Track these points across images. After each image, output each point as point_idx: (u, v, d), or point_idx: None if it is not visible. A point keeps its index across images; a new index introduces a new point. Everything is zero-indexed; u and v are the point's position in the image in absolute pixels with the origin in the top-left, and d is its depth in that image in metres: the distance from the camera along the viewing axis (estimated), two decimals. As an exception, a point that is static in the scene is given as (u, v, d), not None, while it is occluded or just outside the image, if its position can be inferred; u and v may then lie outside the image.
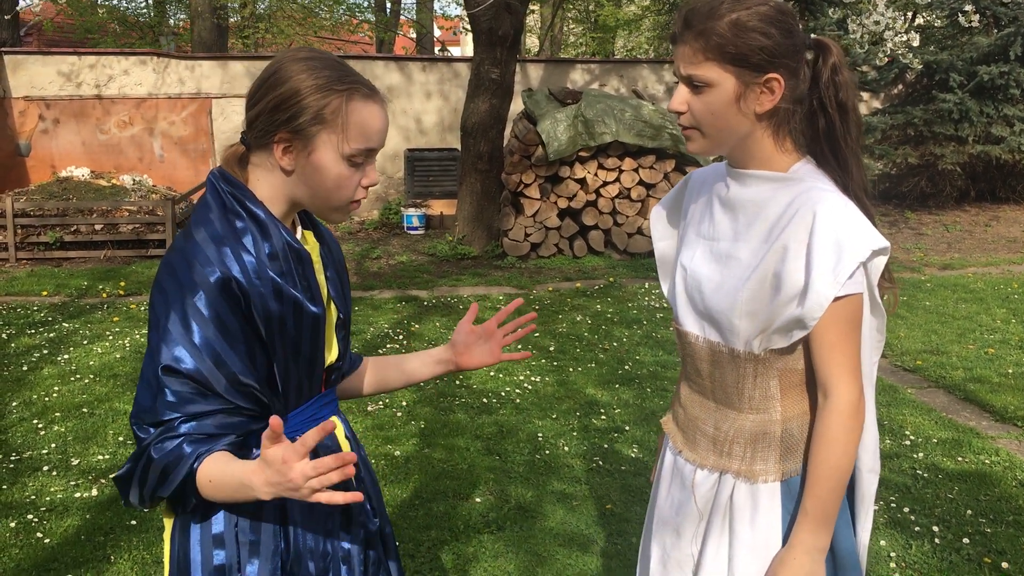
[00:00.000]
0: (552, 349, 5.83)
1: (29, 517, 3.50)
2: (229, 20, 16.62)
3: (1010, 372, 5.29)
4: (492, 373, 5.30)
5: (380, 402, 4.81)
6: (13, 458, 4.08)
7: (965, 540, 3.30)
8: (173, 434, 1.31)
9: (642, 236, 9.02)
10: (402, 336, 6.16)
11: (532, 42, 23.11)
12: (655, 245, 1.81)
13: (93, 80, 11.00)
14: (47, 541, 3.32)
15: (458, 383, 5.13)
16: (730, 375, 1.55)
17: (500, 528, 3.43)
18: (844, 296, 1.40)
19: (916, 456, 4.08)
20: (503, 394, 4.95)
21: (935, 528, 3.39)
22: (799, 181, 1.47)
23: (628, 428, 4.44)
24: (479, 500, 3.66)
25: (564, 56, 20.16)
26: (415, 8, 20.86)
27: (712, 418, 1.60)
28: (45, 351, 5.78)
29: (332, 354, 1.54)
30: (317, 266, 1.51)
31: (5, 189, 10.30)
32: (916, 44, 8.47)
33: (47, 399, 4.87)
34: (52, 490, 3.75)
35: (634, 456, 4.10)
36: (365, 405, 4.76)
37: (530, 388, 5.06)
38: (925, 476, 3.87)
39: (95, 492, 3.73)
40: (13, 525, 3.44)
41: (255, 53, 15.82)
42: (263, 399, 1.40)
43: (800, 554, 1.46)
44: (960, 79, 10.91)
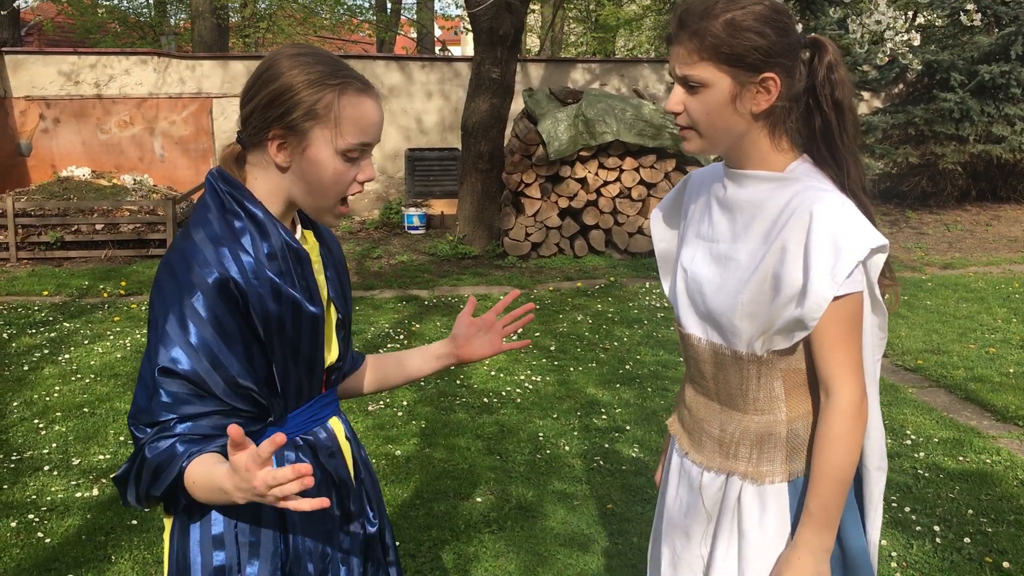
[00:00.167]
0: (553, 349, 5.83)
1: (30, 517, 3.50)
2: (230, 20, 16.62)
3: (1011, 372, 5.28)
4: (493, 373, 5.30)
5: (381, 402, 4.81)
6: (14, 458, 4.08)
7: (966, 540, 3.30)
8: (168, 434, 1.31)
9: (643, 236, 9.02)
10: (403, 336, 6.16)
11: (533, 42, 23.11)
12: (655, 246, 1.81)
13: (94, 80, 11.00)
14: (48, 541, 3.32)
15: (459, 383, 5.13)
16: (734, 377, 1.55)
17: (501, 528, 3.43)
18: (844, 295, 1.40)
19: (917, 456, 4.08)
20: (504, 394, 4.95)
21: (936, 528, 3.39)
22: (796, 180, 1.47)
23: (629, 428, 4.44)
24: (480, 500, 3.66)
25: (565, 56, 20.15)
26: (415, 8, 20.86)
27: (717, 420, 1.60)
28: (46, 351, 5.79)
29: (332, 354, 1.54)
30: (316, 266, 1.51)
31: (6, 189, 10.30)
32: (917, 43, 8.47)
33: (48, 399, 4.87)
34: (53, 490, 3.75)
35: (635, 456, 4.10)
36: (365, 405, 4.76)
37: (531, 388, 5.06)
38: (926, 476, 3.86)
39: (96, 492, 3.73)
40: (14, 525, 3.44)
41: (256, 53, 15.82)
42: (261, 401, 1.40)
43: (804, 554, 1.45)
44: (961, 78, 10.91)
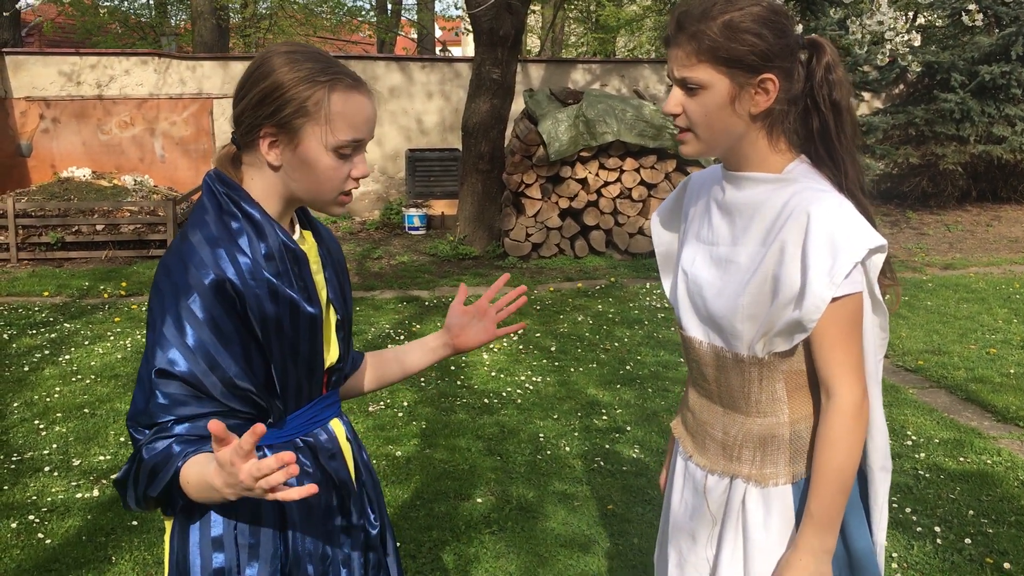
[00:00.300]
0: (553, 349, 5.83)
1: (30, 518, 3.50)
2: (230, 20, 16.62)
3: (1012, 372, 5.28)
4: (493, 374, 5.30)
5: (381, 402, 4.81)
6: (14, 459, 4.08)
7: (967, 541, 3.30)
8: (165, 435, 1.31)
9: (643, 236, 9.02)
10: (403, 337, 6.16)
11: (533, 42, 23.10)
12: (656, 249, 1.81)
13: (94, 80, 11.01)
14: (48, 542, 3.32)
15: (459, 383, 5.13)
16: (735, 379, 1.55)
17: (501, 529, 3.42)
18: (842, 296, 1.40)
19: (918, 456, 4.07)
20: (504, 394, 4.95)
21: (937, 528, 3.38)
22: (793, 182, 1.47)
23: (629, 428, 4.44)
24: (480, 500, 3.66)
25: (565, 56, 20.15)
26: (416, 9, 20.87)
27: (720, 422, 1.60)
28: (46, 351, 5.79)
29: (332, 355, 1.53)
30: (315, 266, 1.50)
31: (6, 189, 10.30)
32: (917, 44, 8.47)
33: (48, 400, 4.87)
34: (53, 491, 3.75)
35: (635, 456, 4.09)
36: (366, 406, 4.76)
37: (531, 388, 5.06)
38: (927, 476, 3.86)
39: (96, 493, 3.73)
40: (14, 526, 3.44)
41: (256, 53, 15.81)
42: (260, 402, 1.39)
43: (805, 555, 1.45)
44: (961, 79, 10.91)
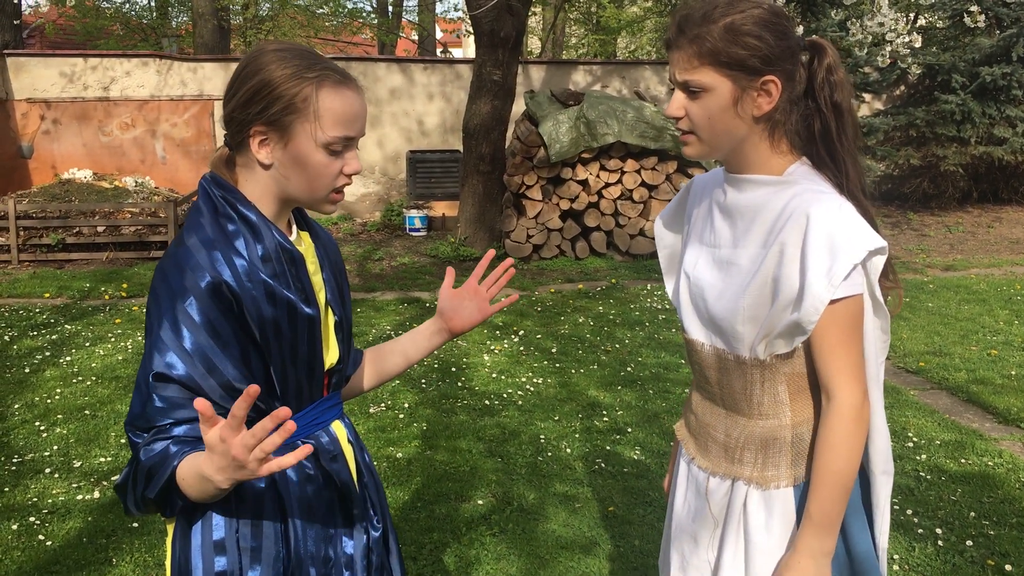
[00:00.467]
0: (554, 351, 5.83)
1: (31, 519, 3.50)
2: (231, 22, 16.63)
3: (1013, 374, 5.28)
4: (494, 375, 5.29)
5: (382, 404, 4.81)
6: (15, 460, 4.08)
7: (968, 542, 3.30)
8: (163, 436, 1.31)
9: (644, 237, 9.01)
10: (404, 338, 6.15)
11: (534, 43, 23.11)
12: (659, 252, 1.81)
13: (95, 82, 11.01)
14: (49, 543, 3.32)
15: (460, 385, 5.12)
16: (737, 382, 1.55)
17: (502, 530, 3.42)
18: (842, 298, 1.40)
19: (919, 458, 4.07)
20: (505, 396, 4.95)
21: (938, 530, 3.38)
22: (794, 184, 1.47)
23: (630, 430, 4.44)
24: (481, 502, 3.66)
25: (566, 57, 20.16)
26: (417, 10, 20.87)
27: (723, 425, 1.60)
28: (47, 353, 5.79)
29: (332, 356, 1.53)
30: (312, 267, 1.50)
31: (7, 191, 10.31)
32: (918, 46, 8.47)
33: (49, 401, 4.87)
34: (54, 492, 3.75)
35: (636, 458, 4.09)
36: (367, 407, 4.76)
37: (532, 390, 5.06)
38: (928, 478, 3.86)
39: (97, 494, 3.73)
40: (15, 527, 3.44)
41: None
42: (260, 404, 1.39)
43: (804, 558, 1.45)
44: (962, 80, 10.90)
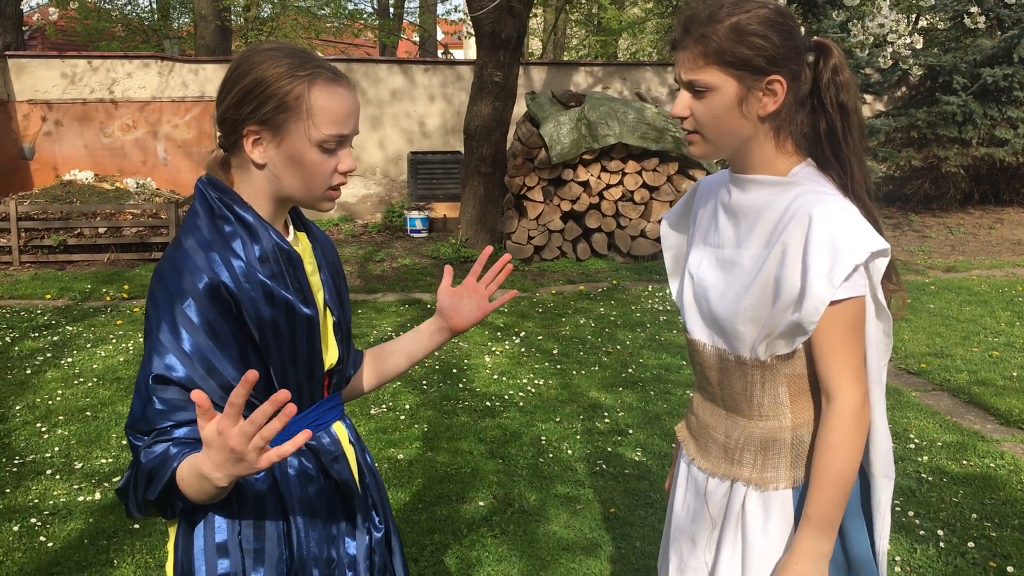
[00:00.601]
0: (555, 352, 5.82)
1: (32, 521, 3.50)
2: (233, 23, 16.64)
3: (1015, 375, 5.27)
4: (495, 376, 5.29)
5: (383, 405, 4.81)
6: (16, 461, 4.08)
7: (970, 544, 3.29)
8: (164, 438, 1.30)
9: (645, 239, 9.01)
10: (405, 339, 6.15)
11: (535, 45, 23.12)
12: (665, 254, 1.80)
13: (97, 83, 11.02)
14: (50, 545, 3.32)
15: (461, 386, 5.12)
16: (738, 382, 1.55)
17: (503, 532, 3.42)
18: (844, 300, 1.40)
19: (921, 459, 4.07)
20: (506, 397, 4.94)
21: (940, 532, 3.38)
22: (797, 184, 1.47)
23: (632, 431, 4.44)
24: (482, 504, 3.66)
25: (567, 59, 20.17)
26: (418, 12, 20.88)
27: (723, 426, 1.60)
28: (48, 354, 5.79)
29: (331, 356, 1.53)
30: (310, 267, 1.50)
31: (9, 192, 10.32)
32: (919, 47, 8.45)
33: (50, 402, 4.87)
34: (55, 494, 3.75)
35: (638, 459, 4.09)
36: (368, 408, 4.76)
37: (533, 391, 5.05)
38: (930, 480, 3.85)
39: (98, 496, 3.72)
40: (16, 529, 3.44)
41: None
42: (260, 406, 1.39)
43: (802, 559, 1.45)
44: (964, 81, 10.90)
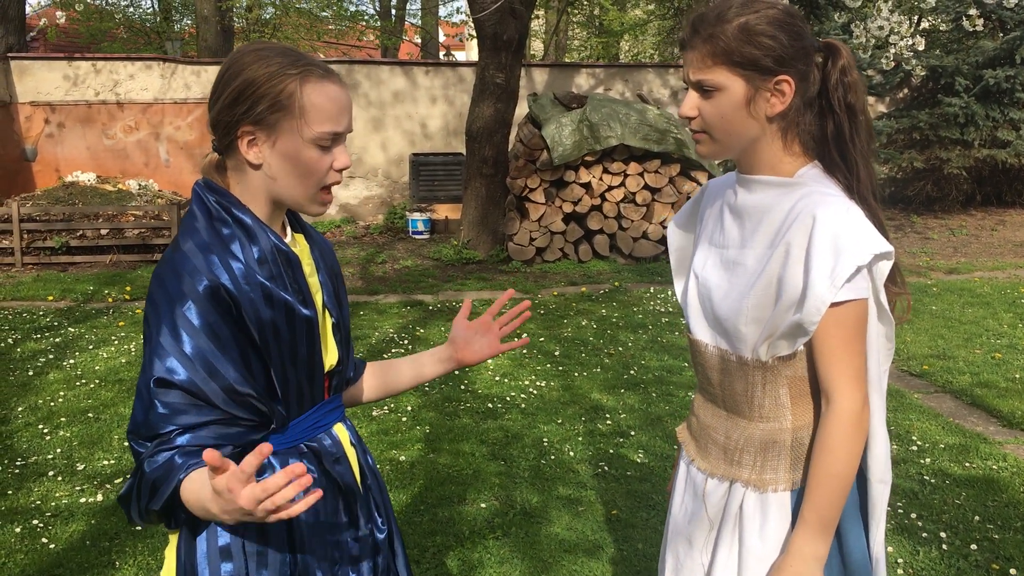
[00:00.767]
0: (557, 354, 5.82)
1: (34, 522, 3.50)
2: (235, 25, 16.66)
3: (1017, 377, 5.26)
4: (497, 378, 5.29)
5: (385, 407, 4.81)
6: (19, 463, 4.08)
7: (973, 546, 3.29)
8: (168, 447, 1.29)
9: (647, 240, 9.01)
10: (407, 341, 6.15)
11: (537, 47, 23.14)
12: (671, 255, 1.80)
13: (99, 85, 11.03)
14: (52, 546, 3.32)
15: (463, 388, 5.12)
16: (739, 383, 1.55)
17: (505, 534, 3.42)
18: (846, 301, 1.39)
19: (923, 461, 4.06)
20: (508, 399, 4.94)
21: (942, 534, 3.37)
22: (802, 185, 1.47)
23: (634, 433, 4.43)
24: (484, 505, 3.65)
25: (569, 60, 20.17)
26: (420, 14, 20.90)
27: (723, 427, 1.60)
28: (51, 356, 5.79)
29: (331, 358, 1.53)
30: (308, 269, 1.51)
31: (11, 194, 10.33)
32: (921, 48, 8.45)
33: (52, 404, 4.88)
34: (57, 495, 3.75)
35: (640, 461, 4.09)
36: (370, 410, 4.76)
37: (535, 393, 5.05)
38: (932, 482, 3.85)
39: (100, 497, 3.73)
40: (18, 530, 3.44)
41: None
42: (262, 408, 1.39)
43: (797, 562, 1.44)
44: (966, 83, 10.90)
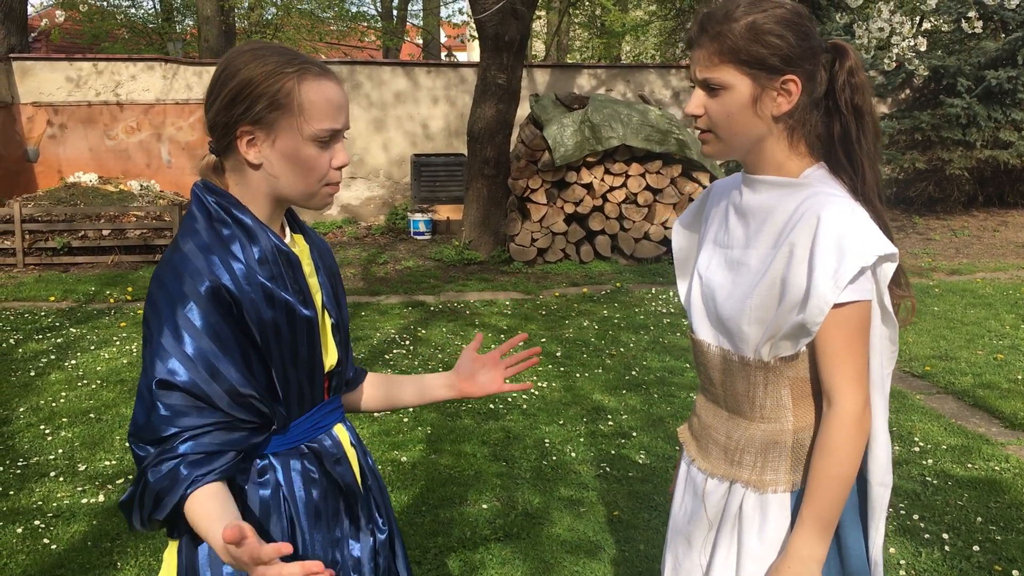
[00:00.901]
0: (559, 355, 5.82)
1: (36, 523, 3.50)
2: (236, 26, 16.67)
3: (1019, 378, 5.25)
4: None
5: (387, 408, 4.80)
6: (20, 464, 4.08)
7: (975, 548, 3.28)
8: (171, 455, 1.28)
9: (649, 241, 9.01)
10: (408, 342, 6.15)
11: (539, 47, 23.15)
12: (675, 256, 1.80)
13: (101, 86, 11.04)
14: (54, 547, 3.32)
15: (465, 389, 5.11)
16: (741, 383, 1.54)
17: (507, 535, 3.42)
18: (849, 303, 1.39)
19: (925, 463, 4.05)
20: (510, 400, 4.94)
21: (945, 536, 3.37)
22: (807, 186, 1.47)
23: (635, 434, 4.43)
24: (486, 506, 3.65)
25: (570, 61, 20.17)
26: (422, 15, 20.91)
27: (724, 427, 1.59)
28: (52, 356, 5.79)
29: (331, 358, 1.53)
30: (308, 269, 1.50)
31: (13, 195, 10.34)
32: (923, 49, 8.45)
33: (54, 405, 4.88)
34: (59, 496, 3.75)
35: (641, 462, 4.08)
36: (372, 411, 4.75)
37: (537, 394, 5.05)
38: (934, 483, 3.84)
39: (102, 498, 3.72)
40: (20, 531, 3.44)
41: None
42: (263, 409, 1.38)
43: (795, 563, 1.44)
44: (968, 84, 10.89)
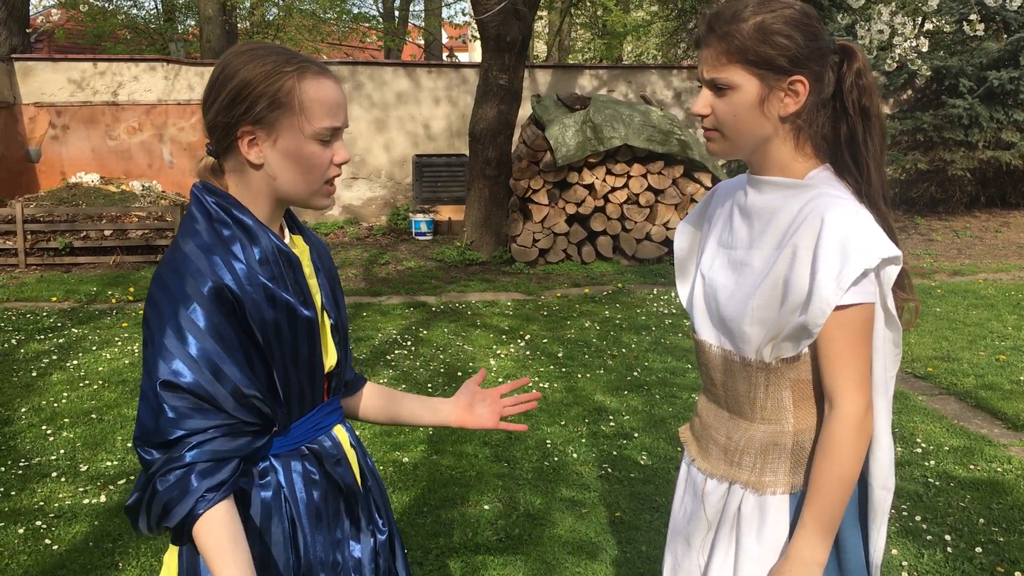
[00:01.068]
0: (560, 355, 5.82)
1: (37, 523, 3.50)
2: (238, 26, 16.68)
3: (1022, 379, 5.25)
4: (500, 379, 5.28)
5: (388, 408, 4.80)
6: (22, 464, 4.08)
7: (978, 549, 3.27)
8: (179, 464, 1.28)
9: (650, 242, 9.01)
10: (410, 342, 6.15)
11: (540, 48, 23.15)
12: (676, 256, 1.80)
13: (103, 86, 11.05)
14: (55, 548, 3.32)
15: (466, 389, 5.11)
16: (742, 384, 1.54)
17: (509, 536, 3.41)
18: (852, 305, 1.38)
19: (927, 464, 4.05)
20: (511, 400, 4.93)
21: (947, 537, 3.36)
22: (812, 188, 1.46)
23: (637, 435, 4.43)
24: (487, 507, 3.65)
25: (572, 62, 20.17)
26: (423, 15, 20.92)
27: (725, 427, 1.59)
28: (54, 357, 5.80)
29: (330, 359, 1.53)
30: (308, 270, 1.51)
31: (15, 195, 10.35)
32: (925, 49, 8.44)
33: (56, 405, 4.88)
34: (60, 496, 3.75)
35: (643, 463, 4.08)
36: (373, 411, 4.75)
37: (538, 394, 5.04)
38: (937, 484, 3.84)
39: (103, 498, 3.73)
40: (21, 531, 3.44)
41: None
42: (265, 410, 1.38)
43: (796, 566, 1.43)
44: (970, 84, 10.88)
